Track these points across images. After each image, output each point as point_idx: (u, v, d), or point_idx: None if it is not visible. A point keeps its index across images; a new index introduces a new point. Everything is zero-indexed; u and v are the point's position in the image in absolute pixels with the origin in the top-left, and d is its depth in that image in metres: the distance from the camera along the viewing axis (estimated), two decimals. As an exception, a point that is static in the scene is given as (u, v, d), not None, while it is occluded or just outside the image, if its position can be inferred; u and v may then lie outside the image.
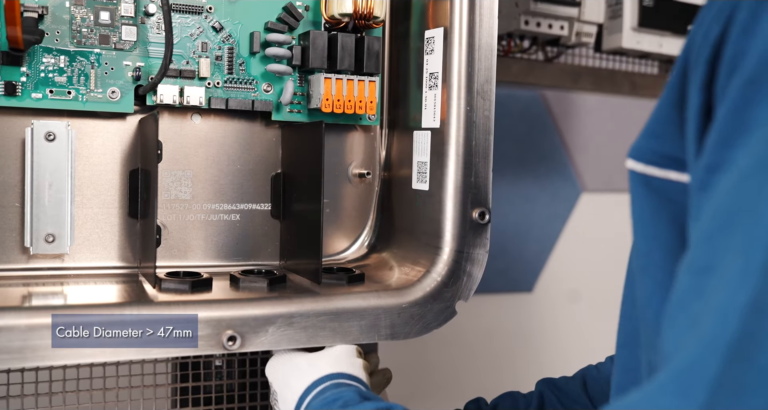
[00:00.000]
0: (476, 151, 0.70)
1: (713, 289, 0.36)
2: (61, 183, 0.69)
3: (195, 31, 0.73)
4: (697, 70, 0.41)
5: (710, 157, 0.39)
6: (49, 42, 0.68)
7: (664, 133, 0.45)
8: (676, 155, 0.44)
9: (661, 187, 0.45)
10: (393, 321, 0.68)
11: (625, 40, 1.24)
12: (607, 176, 1.55)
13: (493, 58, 0.70)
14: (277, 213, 0.79)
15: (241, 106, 0.74)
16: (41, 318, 0.57)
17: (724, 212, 0.37)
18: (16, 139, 0.70)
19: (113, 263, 0.74)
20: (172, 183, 0.76)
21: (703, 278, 0.37)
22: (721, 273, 0.36)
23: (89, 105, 0.70)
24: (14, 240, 0.70)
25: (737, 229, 0.36)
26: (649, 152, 0.46)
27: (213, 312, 0.62)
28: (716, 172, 0.38)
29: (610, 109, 1.55)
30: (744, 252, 0.35)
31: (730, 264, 0.35)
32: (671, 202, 0.45)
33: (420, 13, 0.75)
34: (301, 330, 0.64)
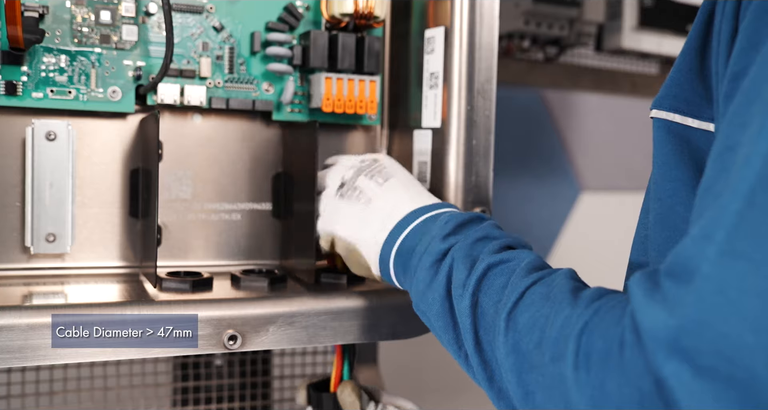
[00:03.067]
0: (477, 151, 0.70)
1: (734, 163, 0.36)
2: (61, 182, 0.69)
3: (196, 30, 0.73)
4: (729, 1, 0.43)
5: (734, 67, 0.40)
6: (50, 41, 0.68)
7: (684, 81, 0.48)
8: (696, 102, 0.47)
9: (682, 132, 0.48)
10: (394, 321, 0.68)
11: (625, 40, 1.24)
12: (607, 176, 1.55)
13: (493, 57, 0.70)
14: (277, 213, 0.79)
15: (242, 106, 0.74)
16: (42, 317, 0.57)
17: (745, 95, 0.37)
18: (16, 139, 0.70)
19: (114, 262, 0.74)
20: (173, 182, 0.76)
21: (723, 157, 0.37)
22: (743, 142, 0.36)
23: (90, 104, 0.70)
24: (15, 240, 0.70)
25: (758, 101, 0.36)
26: (670, 99, 0.49)
27: (214, 312, 0.62)
28: (740, 78, 0.39)
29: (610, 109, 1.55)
30: (763, 113, 0.35)
31: (750, 130, 0.35)
32: (691, 146, 0.47)
33: (420, 13, 0.75)
34: (301, 330, 0.64)
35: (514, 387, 0.46)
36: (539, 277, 0.49)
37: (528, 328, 0.45)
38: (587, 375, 0.38)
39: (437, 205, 0.63)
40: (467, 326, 0.52)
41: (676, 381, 0.33)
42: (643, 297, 0.36)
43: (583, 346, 0.39)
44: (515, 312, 0.47)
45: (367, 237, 0.63)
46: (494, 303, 0.50)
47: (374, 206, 0.64)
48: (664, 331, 0.34)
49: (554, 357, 0.42)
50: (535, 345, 0.44)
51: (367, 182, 0.66)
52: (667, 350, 0.34)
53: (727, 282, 0.33)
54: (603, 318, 0.40)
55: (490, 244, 0.55)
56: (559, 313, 0.43)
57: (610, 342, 0.37)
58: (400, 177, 0.66)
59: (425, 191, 0.66)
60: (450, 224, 0.58)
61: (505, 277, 0.51)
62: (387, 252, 0.61)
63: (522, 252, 0.53)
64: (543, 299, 0.46)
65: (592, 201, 1.52)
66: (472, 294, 0.52)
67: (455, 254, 0.55)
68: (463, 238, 0.56)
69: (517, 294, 0.48)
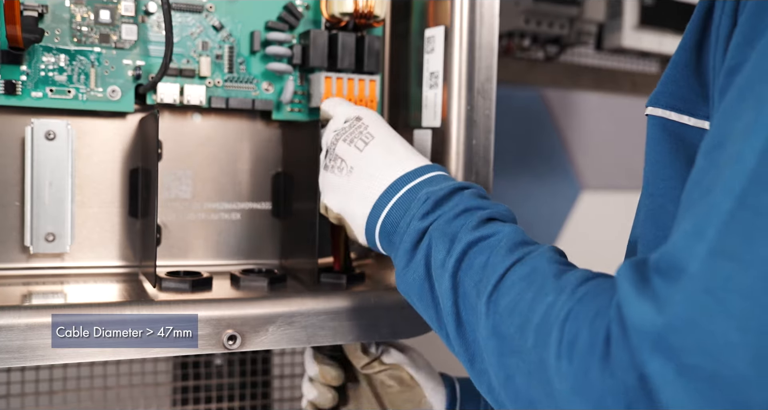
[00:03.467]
0: (477, 150, 0.70)
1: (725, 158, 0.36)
2: (61, 182, 0.69)
3: (195, 30, 0.73)
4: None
5: (730, 61, 0.40)
6: (49, 41, 0.68)
7: (680, 77, 0.48)
8: (692, 100, 0.47)
9: (677, 130, 0.48)
10: (393, 321, 0.68)
11: (626, 38, 1.24)
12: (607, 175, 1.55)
13: (493, 56, 0.70)
14: (277, 213, 0.79)
15: (242, 105, 0.74)
16: (41, 317, 0.57)
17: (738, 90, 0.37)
18: (16, 138, 0.70)
19: (113, 262, 0.74)
20: (173, 182, 0.76)
21: (714, 153, 0.37)
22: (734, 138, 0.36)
23: (89, 104, 0.70)
24: (14, 239, 0.70)
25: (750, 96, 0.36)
26: (666, 96, 0.49)
27: (213, 312, 0.62)
28: (735, 73, 0.39)
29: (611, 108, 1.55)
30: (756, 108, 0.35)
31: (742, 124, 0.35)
32: (686, 144, 0.47)
33: (420, 12, 0.75)
34: (301, 330, 0.64)
35: (495, 370, 0.46)
36: (520, 257, 0.48)
37: (509, 311, 0.45)
38: (569, 365, 0.38)
39: (419, 170, 0.60)
40: (448, 308, 0.51)
41: (660, 379, 0.33)
42: (631, 291, 0.36)
43: (567, 335, 0.39)
44: (495, 294, 0.47)
45: (353, 210, 0.62)
46: (475, 283, 0.49)
47: (356, 176, 0.62)
48: (651, 328, 0.34)
49: (536, 344, 0.42)
50: (516, 329, 0.44)
51: (346, 148, 0.63)
52: (652, 347, 0.34)
53: (716, 281, 0.33)
54: (588, 307, 0.39)
55: (470, 219, 0.54)
56: (542, 299, 0.43)
57: (595, 333, 0.37)
58: (381, 138, 0.63)
59: (407, 150, 0.63)
60: (429, 202, 0.56)
61: (485, 255, 0.50)
62: (372, 227, 0.60)
63: (503, 227, 0.52)
64: (524, 281, 0.46)
65: (593, 200, 1.52)
66: (452, 275, 0.51)
67: (433, 233, 0.54)
68: (442, 214, 0.55)
69: (497, 276, 0.47)
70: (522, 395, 0.43)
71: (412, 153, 0.63)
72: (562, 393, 0.39)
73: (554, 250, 0.49)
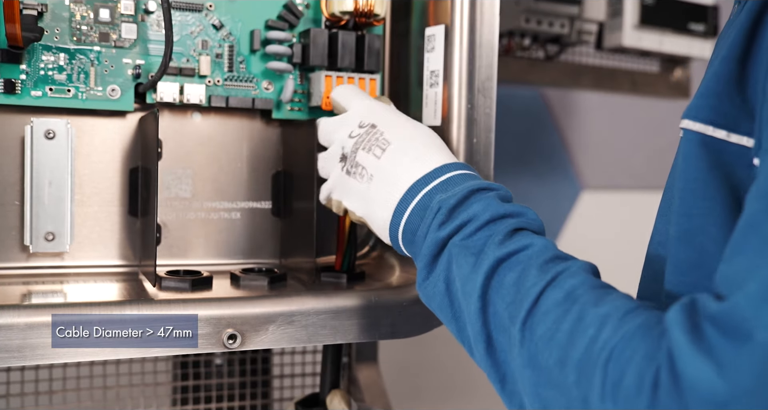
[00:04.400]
0: (477, 149, 0.70)
1: None
2: (60, 181, 0.69)
3: (195, 28, 0.73)
4: None
5: None
6: (49, 40, 0.68)
7: (723, 91, 0.45)
8: (734, 115, 0.45)
9: (717, 146, 0.45)
10: (394, 320, 0.68)
11: (626, 38, 1.24)
12: (608, 174, 1.55)
13: (494, 55, 0.70)
14: (277, 212, 0.79)
15: (242, 104, 0.74)
16: (41, 316, 0.57)
17: None
18: (15, 137, 0.70)
19: (113, 261, 0.74)
20: (173, 181, 0.76)
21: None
22: None
23: (89, 103, 0.70)
24: (14, 239, 0.70)
25: None
26: (707, 111, 0.46)
27: (213, 311, 0.62)
28: None
29: (611, 108, 1.55)
30: None
31: None
32: (724, 160, 0.45)
33: (421, 11, 0.75)
34: (301, 329, 0.64)
35: (530, 398, 0.45)
36: (553, 276, 0.46)
37: (545, 342, 0.44)
38: (614, 406, 0.37)
39: (435, 172, 0.59)
40: (478, 329, 0.49)
41: None
42: (686, 342, 0.35)
43: (611, 375, 0.38)
44: (530, 320, 0.45)
45: (376, 216, 0.61)
46: (507, 305, 0.48)
47: (376, 184, 0.61)
48: (711, 391, 0.33)
49: (579, 382, 0.40)
50: (555, 363, 0.42)
51: (365, 156, 0.63)
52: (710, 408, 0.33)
53: None
54: (633, 347, 0.38)
55: (495, 231, 0.51)
56: (583, 332, 0.41)
57: (642, 377, 0.36)
58: (397, 143, 0.62)
59: (425, 150, 0.61)
60: (442, 211, 0.54)
61: (516, 273, 0.48)
62: (395, 233, 0.60)
63: (532, 239, 0.50)
64: (560, 307, 0.44)
65: (593, 199, 1.52)
66: (481, 295, 0.49)
67: (453, 249, 0.53)
68: (461, 226, 0.53)
69: (531, 300, 0.46)
70: None
71: (430, 151, 0.61)
72: None
73: (588, 270, 0.47)
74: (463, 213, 0.54)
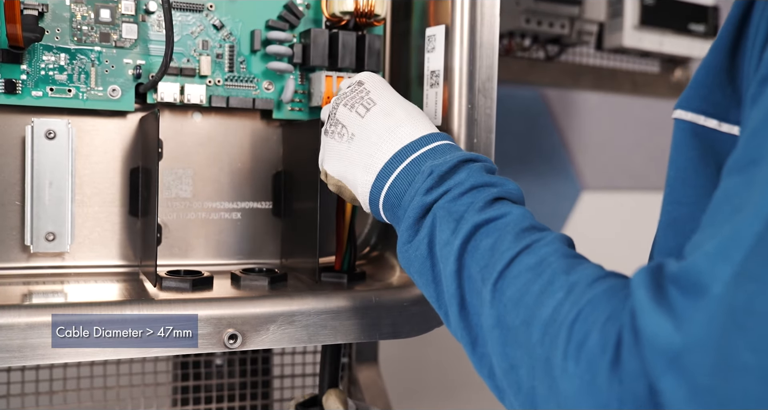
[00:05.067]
0: (477, 149, 0.70)
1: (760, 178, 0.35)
2: (61, 181, 0.69)
3: (196, 29, 0.73)
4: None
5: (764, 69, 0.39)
6: (50, 40, 0.68)
7: (713, 81, 0.46)
8: (724, 105, 0.46)
9: (708, 135, 0.46)
10: (394, 320, 0.68)
11: (626, 38, 1.24)
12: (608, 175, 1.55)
13: (494, 55, 0.70)
14: (278, 212, 0.79)
15: (242, 105, 0.74)
16: (41, 316, 0.57)
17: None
18: (16, 137, 0.70)
19: (114, 261, 0.74)
20: (173, 181, 0.76)
21: (748, 170, 0.36)
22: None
23: (90, 103, 0.70)
24: (14, 239, 0.70)
25: None
26: (698, 100, 0.47)
27: (214, 311, 0.62)
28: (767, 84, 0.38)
29: (611, 108, 1.55)
30: None
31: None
32: (715, 150, 0.46)
33: (421, 11, 0.75)
34: (302, 329, 0.64)
35: (498, 359, 0.45)
36: (528, 244, 0.47)
37: (514, 303, 0.44)
38: (576, 366, 0.38)
39: (423, 140, 0.58)
40: (452, 291, 0.50)
41: (671, 397, 0.33)
42: (648, 301, 0.35)
43: (575, 335, 0.39)
44: (501, 282, 0.46)
45: (355, 179, 0.60)
46: (480, 268, 0.48)
47: (357, 144, 0.60)
48: (667, 345, 0.34)
49: (543, 341, 0.41)
50: (522, 322, 0.43)
51: (347, 114, 0.61)
52: (667, 364, 0.33)
53: (738, 304, 0.32)
54: (599, 309, 0.39)
55: (477, 198, 0.52)
56: (551, 295, 0.42)
57: (606, 336, 0.37)
58: (383, 104, 0.61)
59: (411, 117, 0.60)
60: (433, 176, 0.54)
61: (492, 239, 0.49)
62: (375, 198, 0.59)
63: (511, 208, 0.51)
64: (531, 272, 0.45)
65: (593, 200, 1.52)
66: (457, 258, 0.50)
67: (438, 212, 0.53)
68: (447, 191, 0.53)
69: (503, 263, 0.46)
70: (524, 386, 0.43)
71: (415, 119, 0.60)
72: (565, 393, 0.39)
73: (563, 240, 0.48)
74: (450, 180, 0.54)
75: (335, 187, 0.64)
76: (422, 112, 0.62)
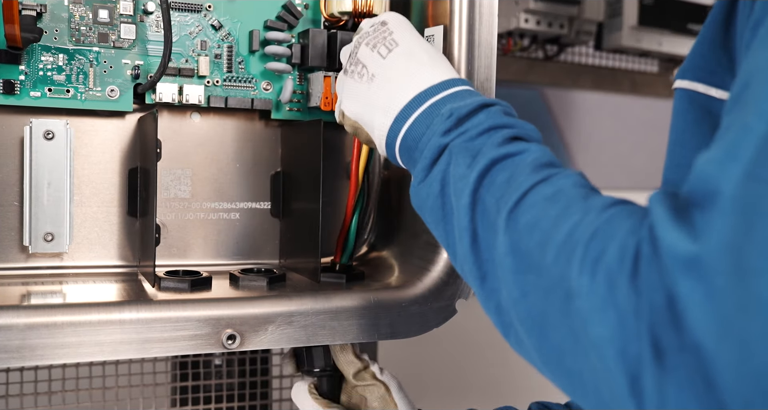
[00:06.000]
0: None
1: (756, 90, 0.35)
2: (59, 182, 0.69)
3: (194, 29, 0.73)
4: None
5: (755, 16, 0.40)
6: (48, 40, 0.68)
7: (708, 51, 0.49)
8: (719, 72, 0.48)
9: (704, 102, 0.48)
10: (393, 320, 0.68)
11: (625, 38, 1.24)
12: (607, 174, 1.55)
13: (493, 55, 0.70)
14: (276, 212, 0.79)
15: (241, 105, 0.74)
16: (40, 317, 0.57)
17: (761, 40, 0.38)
18: (14, 138, 0.70)
19: (112, 262, 0.74)
20: (172, 181, 0.76)
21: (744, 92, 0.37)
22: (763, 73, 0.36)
23: (88, 103, 0.70)
24: (13, 239, 0.70)
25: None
26: (694, 69, 0.49)
27: (212, 311, 0.62)
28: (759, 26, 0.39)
29: (610, 108, 1.55)
30: None
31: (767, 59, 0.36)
32: (712, 115, 0.48)
33: (419, 11, 0.75)
34: (300, 329, 0.64)
35: (508, 288, 0.44)
36: (546, 176, 0.46)
37: (529, 228, 0.43)
38: (592, 280, 0.37)
39: (444, 84, 0.57)
40: (465, 224, 0.49)
41: (688, 300, 0.33)
42: (667, 216, 0.35)
43: (592, 251, 0.38)
44: (516, 211, 0.45)
45: (371, 119, 0.59)
46: (496, 200, 0.47)
47: (377, 84, 0.59)
48: (685, 252, 0.33)
49: (557, 260, 0.40)
50: (536, 245, 0.42)
51: (368, 53, 0.60)
52: (684, 268, 0.33)
53: (750, 204, 0.32)
54: (616, 226, 0.38)
55: (495, 136, 0.51)
56: (568, 218, 0.41)
57: (624, 250, 0.37)
58: (406, 46, 0.60)
59: (434, 60, 0.59)
60: (452, 118, 0.53)
61: (508, 172, 0.48)
62: (392, 140, 0.58)
63: (529, 145, 0.50)
64: (548, 201, 0.44)
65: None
66: (473, 191, 0.49)
67: (453, 149, 0.52)
68: (464, 132, 0.53)
69: (520, 193, 0.46)
70: (535, 313, 0.42)
71: (438, 63, 0.59)
72: (580, 310, 0.38)
73: (581, 175, 0.48)
74: (468, 122, 0.54)
75: (351, 127, 0.63)
76: (444, 57, 0.61)
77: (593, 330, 0.37)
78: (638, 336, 0.35)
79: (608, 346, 0.36)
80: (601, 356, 0.36)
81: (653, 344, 0.34)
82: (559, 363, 0.41)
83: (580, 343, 0.38)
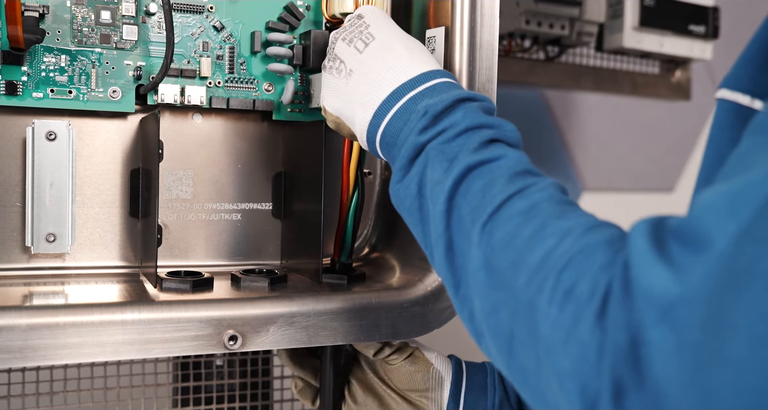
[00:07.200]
0: (477, 151, 0.70)
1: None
2: (62, 182, 0.69)
3: (196, 30, 0.73)
4: None
5: None
6: (50, 41, 0.68)
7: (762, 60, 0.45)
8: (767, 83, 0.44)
9: (748, 116, 0.44)
10: (394, 321, 0.68)
11: (626, 39, 1.24)
12: (608, 175, 1.55)
13: (494, 57, 0.70)
14: (278, 213, 0.79)
15: (242, 106, 0.74)
16: (42, 317, 0.57)
17: None
18: (16, 139, 0.70)
19: (114, 262, 0.74)
20: (173, 182, 0.76)
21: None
22: None
23: (90, 104, 0.70)
24: (15, 240, 0.70)
25: None
26: (745, 80, 0.46)
27: (214, 312, 0.62)
28: None
29: (611, 109, 1.55)
30: None
31: None
32: None
33: (421, 13, 0.75)
34: (302, 330, 0.64)
35: (480, 301, 0.45)
36: (521, 188, 0.46)
37: (503, 245, 0.43)
38: (560, 313, 0.37)
39: (421, 77, 0.56)
40: (440, 231, 0.49)
41: (657, 348, 0.33)
42: (647, 251, 0.35)
43: (563, 282, 0.38)
44: (490, 224, 0.45)
45: (353, 116, 0.59)
46: (471, 209, 0.47)
47: (355, 80, 0.58)
48: (662, 295, 0.33)
49: (528, 285, 0.40)
50: (509, 265, 0.42)
51: (345, 49, 0.60)
52: (659, 314, 0.33)
53: (740, 263, 0.32)
54: (591, 258, 0.38)
55: (471, 139, 0.51)
56: (542, 240, 0.41)
57: (595, 286, 0.36)
58: (383, 38, 0.59)
59: (411, 53, 0.58)
60: (428, 116, 0.53)
61: (484, 180, 0.48)
62: (372, 135, 0.58)
63: (506, 151, 0.50)
64: (522, 216, 0.44)
65: (593, 201, 1.52)
66: (448, 198, 0.49)
67: (430, 151, 0.52)
68: (441, 132, 0.52)
69: (494, 205, 0.45)
70: (504, 329, 0.42)
71: (416, 55, 0.58)
72: (545, 338, 0.38)
73: (557, 187, 0.47)
74: (445, 120, 0.53)
75: (333, 123, 0.63)
76: (424, 47, 0.61)
77: (556, 361, 0.37)
78: (599, 373, 0.35)
79: (569, 379, 0.36)
80: (562, 386, 0.37)
81: (614, 382, 0.34)
82: (524, 380, 0.41)
83: (543, 369, 0.39)
